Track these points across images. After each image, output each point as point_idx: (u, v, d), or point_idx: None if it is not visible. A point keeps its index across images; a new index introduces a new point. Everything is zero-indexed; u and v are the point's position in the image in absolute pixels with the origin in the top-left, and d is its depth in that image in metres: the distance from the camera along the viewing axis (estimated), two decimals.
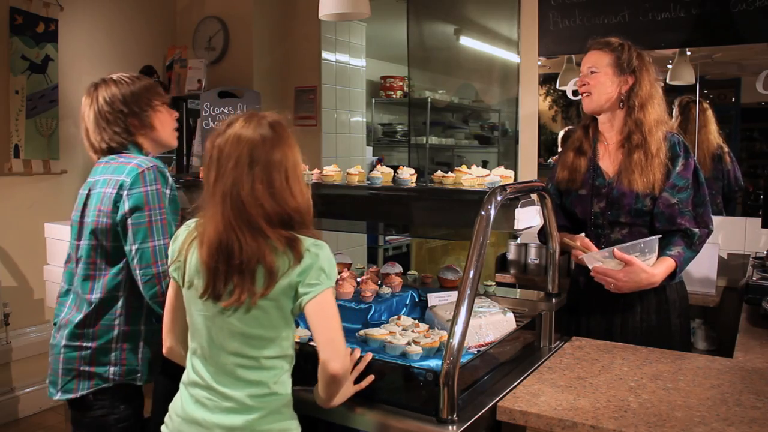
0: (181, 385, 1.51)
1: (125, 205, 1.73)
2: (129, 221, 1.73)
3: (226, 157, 1.39)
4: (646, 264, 1.99)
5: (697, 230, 2.07)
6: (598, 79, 2.14)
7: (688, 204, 2.08)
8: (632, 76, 2.13)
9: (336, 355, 1.37)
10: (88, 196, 1.83)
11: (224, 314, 1.41)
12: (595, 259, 2.02)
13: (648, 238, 2.01)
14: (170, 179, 1.81)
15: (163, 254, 1.72)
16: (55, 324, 1.87)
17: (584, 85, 2.17)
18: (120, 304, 1.79)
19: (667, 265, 2.03)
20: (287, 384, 1.46)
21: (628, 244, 2.01)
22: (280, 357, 1.44)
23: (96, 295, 1.78)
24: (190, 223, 1.49)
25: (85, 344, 1.78)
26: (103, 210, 1.76)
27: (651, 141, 2.09)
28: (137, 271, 1.73)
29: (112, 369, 1.78)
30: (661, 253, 2.05)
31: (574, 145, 2.29)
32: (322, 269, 1.39)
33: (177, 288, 1.51)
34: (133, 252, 1.73)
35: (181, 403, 1.49)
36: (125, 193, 1.73)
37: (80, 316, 1.78)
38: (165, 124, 1.94)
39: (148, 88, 1.90)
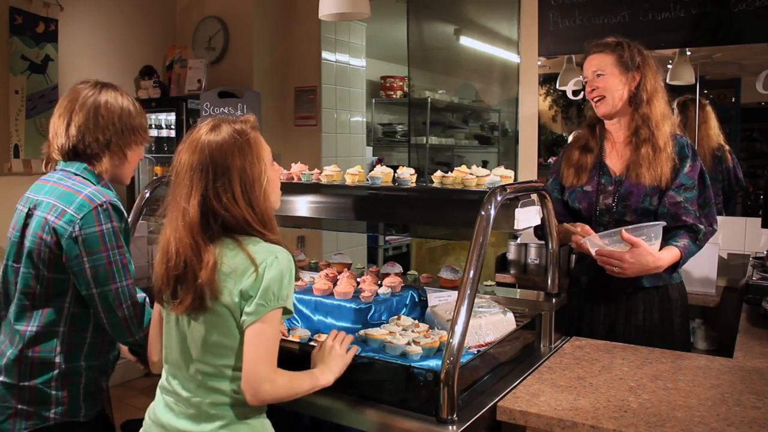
0: (157, 389, 1.52)
1: (80, 246, 1.60)
2: (86, 264, 1.60)
3: (180, 163, 1.40)
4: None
5: (702, 227, 2.09)
6: (607, 82, 2.12)
7: (694, 203, 2.09)
8: (638, 72, 2.13)
9: (249, 387, 1.35)
10: (28, 215, 1.69)
11: (185, 320, 1.41)
12: (596, 243, 2.02)
13: (653, 223, 2.01)
14: (124, 212, 1.69)
15: (127, 296, 1.64)
16: None
17: (594, 89, 2.14)
18: (59, 339, 1.67)
19: (673, 253, 2.04)
20: None
21: (632, 227, 2.01)
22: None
23: (32, 329, 1.66)
24: None
25: (22, 383, 1.65)
26: (45, 239, 1.62)
27: (658, 135, 2.10)
28: (102, 316, 1.65)
29: (53, 409, 1.66)
30: (666, 244, 2.06)
31: (579, 143, 2.29)
32: (271, 289, 1.34)
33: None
34: (95, 297, 1.62)
35: (154, 406, 1.50)
36: (77, 231, 1.59)
37: (15, 351, 1.66)
38: (132, 163, 1.81)
39: (143, 122, 1.81)
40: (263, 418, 1.47)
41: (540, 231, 2.22)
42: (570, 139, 3.62)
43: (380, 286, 2.08)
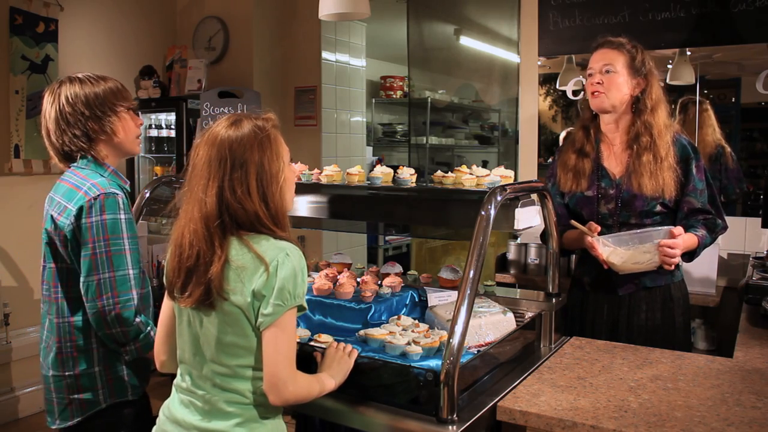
0: (173, 387, 1.52)
1: (75, 238, 1.69)
2: (80, 255, 1.68)
3: (198, 156, 1.40)
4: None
5: (720, 221, 2.12)
6: (614, 80, 2.11)
7: (707, 204, 2.12)
8: (644, 79, 2.13)
9: (273, 388, 1.35)
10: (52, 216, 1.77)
11: (197, 321, 1.41)
12: (608, 244, 2.04)
13: (659, 228, 2.03)
14: (122, 202, 1.72)
15: (108, 287, 1.66)
16: (40, 350, 1.83)
17: (599, 83, 2.12)
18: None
19: (691, 239, 2.05)
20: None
21: (642, 230, 2.05)
22: (258, 368, 1.39)
23: (66, 320, 1.74)
24: None
25: (68, 372, 1.74)
26: (58, 234, 1.72)
27: (660, 144, 2.09)
28: (86, 303, 1.69)
29: (101, 392, 1.75)
30: (686, 231, 2.07)
31: (574, 146, 2.27)
32: (286, 289, 1.33)
33: (169, 299, 1.50)
34: (81, 286, 1.68)
35: (169, 403, 1.51)
36: (73, 224, 1.68)
37: (55, 344, 1.75)
38: (127, 131, 1.84)
39: (114, 92, 1.81)
40: (279, 419, 1.46)
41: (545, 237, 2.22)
42: (561, 136, 3.64)
43: (380, 286, 2.08)
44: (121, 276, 1.68)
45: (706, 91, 3.31)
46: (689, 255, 2.09)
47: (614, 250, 2.03)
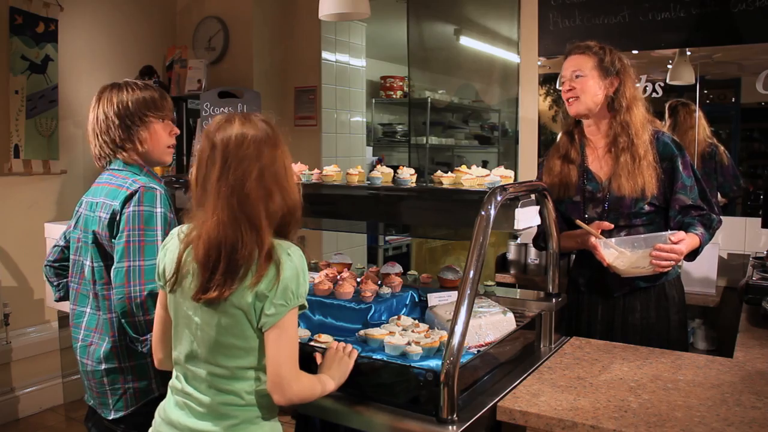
0: (168, 389, 1.52)
1: (116, 228, 1.75)
2: (115, 242, 1.75)
3: (232, 154, 1.37)
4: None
5: (714, 216, 2.11)
6: (585, 83, 2.12)
7: (698, 200, 2.12)
8: (617, 78, 2.13)
9: (277, 389, 1.35)
10: (92, 218, 1.83)
11: (194, 322, 1.40)
12: (610, 246, 2.03)
13: (663, 233, 2.03)
14: (159, 197, 1.77)
15: (137, 275, 1.69)
16: (75, 348, 1.87)
17: (571, 89, 2.14)
18: None
19: (693, 240, 2.05)
20: (265, 395, 1.40)
21: (643, 236, 2.04)
22: (256, 368, 1.40)
23: (117, 314, 1.78)
24: (180, 229, 1.47)
25: (123, 364, 1.80)
26: (101, 233, 1.78)
27: (638, 143, 2.09)
28: (112, 290, 1.73)
29: (154, 381, 1.81)
30: (686, 231, 2.07)
31: (559, 152, 2.27)
32: (289, 289, 1.34)
33: (165, 299, 1.49)
34: (112, 271, 1.73)
35: (165, 405, 1.51)
36: (117, 217, 1.75)
37: (109, 338, 1.80)
38: (156, 141, 1.88)
39: (146, 102, 1.86)
40: (276, 421, 1.46)
41: (541, 243, 2.21)
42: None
43: (380, 286, 2.08)
44: (150, 266, 1.71)
45: (705, 91, 3.31)
46: (692, 254, 2.08)
47: (618, 255, 2.02)
